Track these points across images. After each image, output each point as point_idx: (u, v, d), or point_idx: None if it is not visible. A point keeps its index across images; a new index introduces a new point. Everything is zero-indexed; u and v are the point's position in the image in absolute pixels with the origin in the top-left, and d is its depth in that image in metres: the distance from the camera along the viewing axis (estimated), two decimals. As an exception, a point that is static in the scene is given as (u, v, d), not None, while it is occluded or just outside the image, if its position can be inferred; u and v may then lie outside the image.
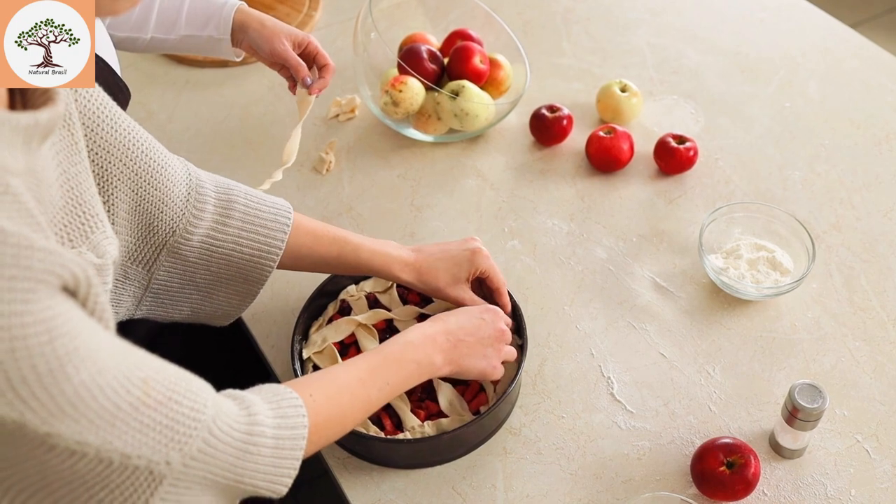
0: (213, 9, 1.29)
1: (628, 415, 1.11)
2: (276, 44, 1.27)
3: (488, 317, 1.04)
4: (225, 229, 1.01)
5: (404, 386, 0.96)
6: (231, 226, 1.01)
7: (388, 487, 1.05)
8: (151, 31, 1.29)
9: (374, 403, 0.94)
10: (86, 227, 0.77)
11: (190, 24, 1.29)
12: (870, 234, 1.31)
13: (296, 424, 0.80)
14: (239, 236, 1.02)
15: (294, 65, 1.28)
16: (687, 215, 1.34)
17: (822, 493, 1.03)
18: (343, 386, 0.90)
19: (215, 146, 1.49)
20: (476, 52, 1.46)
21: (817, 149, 1.44)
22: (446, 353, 0.99)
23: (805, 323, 1.20)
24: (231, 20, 1.28)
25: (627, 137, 1.39)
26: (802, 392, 1.01)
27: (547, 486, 1.04)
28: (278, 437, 0.78)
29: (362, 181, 1.41)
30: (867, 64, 1.59)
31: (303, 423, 0.81)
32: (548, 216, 1.35)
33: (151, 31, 1.29)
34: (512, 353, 1.07)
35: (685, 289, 1.24)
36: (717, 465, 1.00)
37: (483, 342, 1.02)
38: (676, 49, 1.63)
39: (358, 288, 1.20)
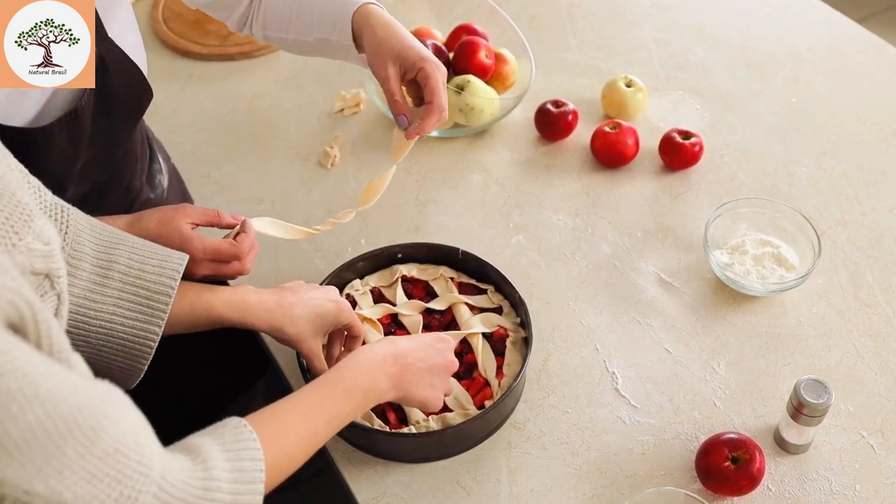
0: (338, 7, 1.10)
1: (633, 410, 1.11)
2: (377, 64, 1.06)
3: (440, 346, 1.01)
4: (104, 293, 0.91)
5: (351, 417, 0.91)
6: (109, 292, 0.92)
7: (392, 481, 1.05)
8: (293, 31, 1.14)
9: (321, 439, 0.88)
10: (24, 214, 0.72)
11: (321, 24, 1.11)
12: (876, 229, 1.30)
13: (253, 479, 0.76)
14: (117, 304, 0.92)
15: (390, 96, 1.07)
16: (692, 211, 1.34)
17: (827, 489, 1.03)
18: (289, 428, 0.85)
19: (220, 140, 1.49)
20: (481, 46, 1.46)
21: (823, 144, 1.44)
22: (393, 378, 0.94)
23: (810, 319, 1.20)
24: (350, 22, 1.08)
25: (633, 133, 1.39)
26: (808, 388, 1.01)
27: (551, 481, 1.04)
28: (235, 492, 0.74)
29: (367, 176, 1.41)
30: (873, 60, 1.59)
31: (259, 477, 0.77)
32: (553, 211, 1.35)
33: (293, 31, 1.14)
34: (454, 387, 1.06)
35: (690, 284, 1.24)
36: (722, 460, 1.00)
37: (432, 370, 0.98)
38: (682, 44, 1.63)
39: (363, 282, 1.20)
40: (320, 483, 1.93)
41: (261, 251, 1.30)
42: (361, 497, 1.04)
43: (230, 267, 1.03)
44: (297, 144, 1.47)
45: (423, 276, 1.20)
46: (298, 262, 1.29)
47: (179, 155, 1.41)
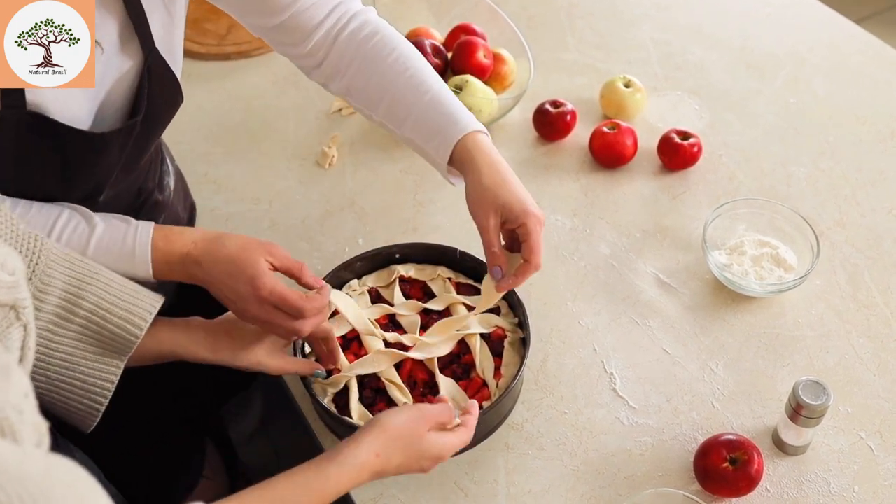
0: (443, 124, 1.04)
1: (631, 411, 1.11)
2: (479, 212, 1.02)
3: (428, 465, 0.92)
4: None
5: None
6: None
7: (390, 482, 1.05)
8: (381, 115, 1.10)
9: None
10: None
11: (416, 128, 1.06)
12: (874, 230, 1.30)
13: None
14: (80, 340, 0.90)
15: (488, 246, 1.02)
16: (691, 211, 1.34)
17: (826, 490, 1.03)
18: None
19: (218, 139, 1.48)
20: (480, 46, 1.45)
21: (822, 145, 1.43)
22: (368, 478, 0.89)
23: (809, 319, 1.20)
24: (452, 148, 1.03)
25: (631, 133, 1.39)
26: (806, 389, 1.00)
27: (549, 482, 1.04)
28: None
29: (365, 175, 1.41)
30: (873, 60, 1.59)
31: None
32: (551, 211, 1.34)
33: (381, 115, 1.10)
34: (451, 388, 1.04)
35: (689, 285, 1.24)
36: (721, 461, 1.00)
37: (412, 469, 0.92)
38: (681, 44, 1.63)
39: (360, 282, 1.19)
40: (318, 483, 1.93)
41: (258, 251, 1.30)
42: (359, 498, 1.04)
43: (287, 321, 0.96)
44: (295, 144, 1.47)
45: (421, 276, 1.20)
46: (296, 262, 1.29)
47: (177, 154, 1.41)
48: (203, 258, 0.97)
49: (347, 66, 1.10)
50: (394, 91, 1.07)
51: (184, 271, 0.98)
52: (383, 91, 1.08)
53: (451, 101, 1.07)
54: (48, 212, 0.95)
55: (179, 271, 0.98)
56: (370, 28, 1.10)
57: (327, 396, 1.08)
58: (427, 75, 1.08)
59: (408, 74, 1.07)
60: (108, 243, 0.96)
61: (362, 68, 1.09)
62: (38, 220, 0.94)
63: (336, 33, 1.09)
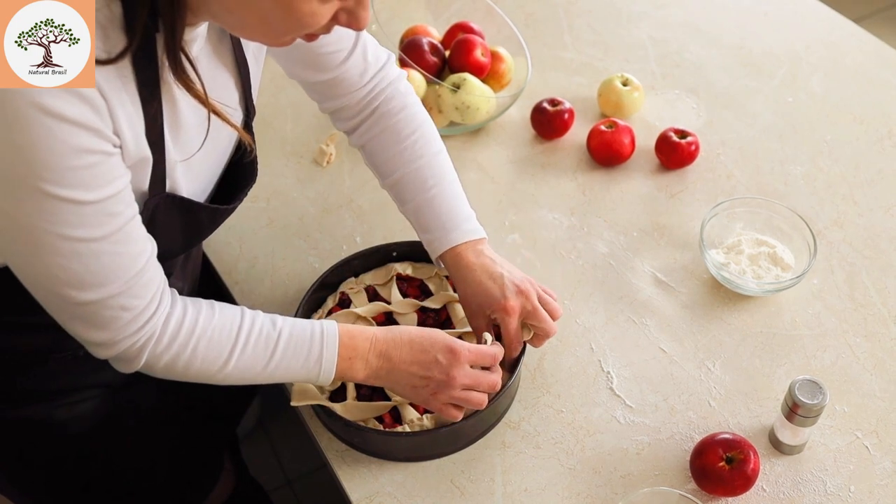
0: (438, 226, 1.09)
1: (628, 409, 1.11)
2: (468, 315, 1.10)
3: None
4: None
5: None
6: None
7: (386, 480, 1.05)
8: (387, 186, 1.14)
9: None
10: None
11: (414, 216, 1.12)
12: (871, 230, 1.30)
13: None
14: None
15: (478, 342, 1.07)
16: (688, 210, 1.34)
17: (822, 490, 1.03)
18: None
19: (215, 137, 1.48)
20: (477, 44, 1.45)
21: (820, 144, 1.43)
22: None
23: (806, 319, 1.20)
24: (441, 252, 1.09)
25: (629, 131, 1.39)
26: (802, 388, 1.00)
27: (545, 481, 1.04)
28: None
29: (363, 174, 1.41)
30: (871, 59, 1.59)
31: None
32: (548, 210, 1.34)
33: (387, 186, 1.14)
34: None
35: (686, 284, 1.24)
36: (717, 460, 1.00)
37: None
38: (679, 43, 1.63)
39: (358, 280, 1.19)
40: (314, 482, 1.93)
41: (258, 250, 1.31)
42: (355, 496, 1.04)
43: (488, 376, 1.01)
44: (293, 142, 1.47)
45: (418, 274, 1.20)
46: (294, 260, 1.29)
47: (174, 152, 1.41)
48: (388, 348, 0.99)
49: (368, 130, 1.14)
50: (403, 172, 1.11)
51: (366, 368, 0.99)
52: (394, 169, 1.12)
53: (451, 199, 1.11)
54: (232, 314, 0.94)
55: (360, 367, 0.99)
56: (398, 101, 1.13)
57: (324, 394, 1.08)
58: (438, 166, 1.11)
59: (421, 162, 1.10)
60: (295, 344, 0.96)
61: (381, 140, 1.13)
62: (225, 323, 0.93)
63: (371, 99, 1.13)
